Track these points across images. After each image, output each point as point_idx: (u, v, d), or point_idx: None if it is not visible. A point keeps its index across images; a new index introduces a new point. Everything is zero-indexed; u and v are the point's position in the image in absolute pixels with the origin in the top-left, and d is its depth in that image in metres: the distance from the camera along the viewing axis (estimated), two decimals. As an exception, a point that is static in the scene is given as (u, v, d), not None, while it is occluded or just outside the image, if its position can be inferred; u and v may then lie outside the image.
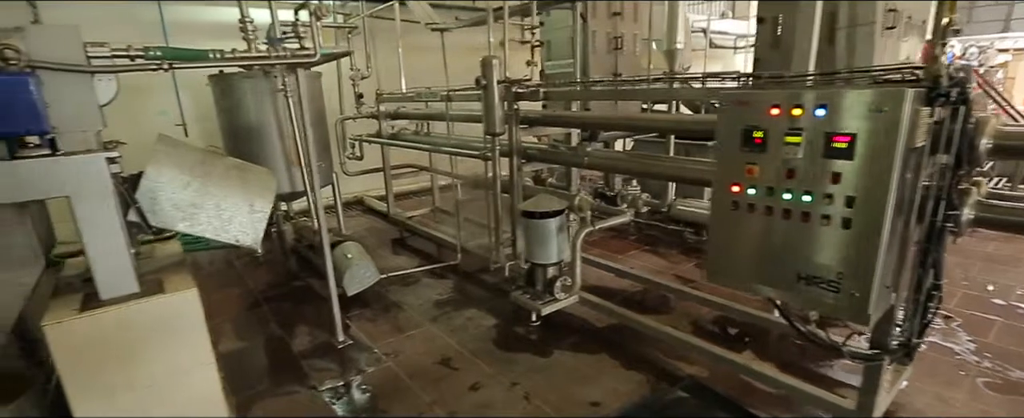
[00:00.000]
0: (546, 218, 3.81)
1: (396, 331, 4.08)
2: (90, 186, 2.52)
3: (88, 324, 2.53)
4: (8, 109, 2.27)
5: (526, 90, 4.20)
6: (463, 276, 5.22)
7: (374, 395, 3.25)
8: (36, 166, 2.39)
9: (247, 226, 3.19)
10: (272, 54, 3.26)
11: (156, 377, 2.77)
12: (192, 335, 2.85)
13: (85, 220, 2.54)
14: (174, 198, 2.90)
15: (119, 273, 2.67)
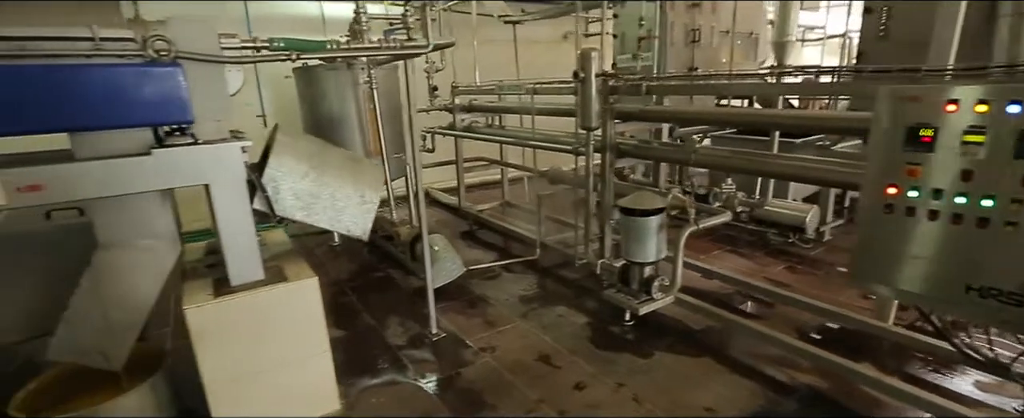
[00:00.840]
0: (647, 216, 3.70)
1: (487, 326, 4.06)
2: (227, 174, 2.57)
3: (222, 309, 2.59)
4: (160, 99, 2.33)
5: (624, 84, 4.08)
6: (543, 272, 5.17)
7: (479, 390, 3.23)
8: (182, 155, 2.44)
9: (358, 217, 3.21)
10: (383, 45, 3.26)
11: (278, 363, 2.82)
12: (311, 324, 2.89)
13: (221, 208, 2.59)
14: (295, 188, 2.94)
15: (248, 260, 2.73)
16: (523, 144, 5.38)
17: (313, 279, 2.83)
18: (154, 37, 2.36)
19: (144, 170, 2.37)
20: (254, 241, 2.73)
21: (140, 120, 2.32)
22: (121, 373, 2.73)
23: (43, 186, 2.18)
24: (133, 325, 2.65)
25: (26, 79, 2.07)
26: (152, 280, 2.65)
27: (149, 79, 2.29)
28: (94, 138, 2.36)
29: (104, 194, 2.34)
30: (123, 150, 2.43)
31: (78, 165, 2.26)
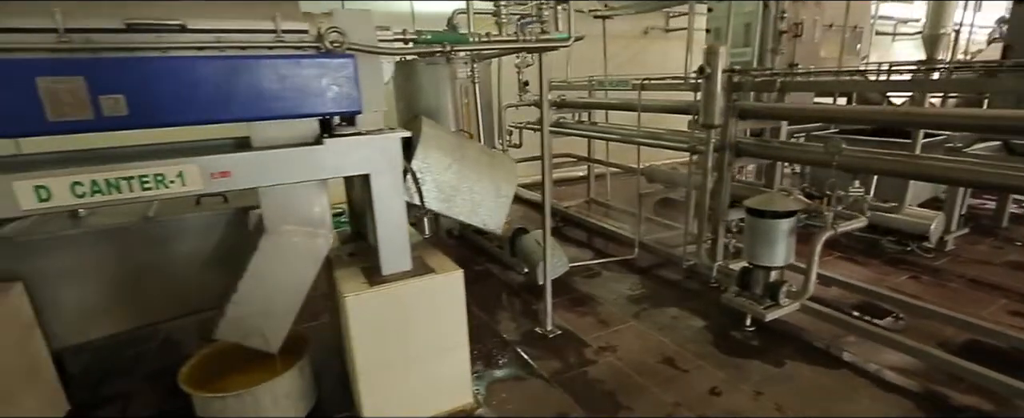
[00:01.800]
0: (779, 218, 3.54)
1: (601, 325, 4.00)
2: (387, 165, 2.60)
3: (378, 297, 2.63)
4: (336, 90, 2.36)
5: (752, 80, 3.92)
6: (642, 272, 5.05)
7: (610, 390, 3.17)
8: (350, 144, 2.49)
9: (494, 211, 3.21)
10: (520, 38, 3.24)
11: (422, 353, 2.85)
12: (454, 316, 2.91)
13: (379, 198, 2.63)
14: (439, 180, 2.95)
15: (400, 251, 2.76)
16: (629, 141, 5.26)
17: (459, 272, 2.84)
18: (330, 29, 2.41)
19: (317, 159, 2.44)
20: (406, 232, 2.76)
21: (318, 110, 2.37)
22: (276, 355, 2.82)
23: (231, 173, 2.27)
24: (291, 309, 2.73)
25: (221, 70, 2.14)
26: (310, 265, 2.72)
27: (327, 70, 2.33)
28: (270, 127, 2.43)
29: (282, 181, 2.41)
30: (293, 139, 2.50)
31: (262, 153, 2.33)
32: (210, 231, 3.41)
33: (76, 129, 1.95)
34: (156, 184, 2.14)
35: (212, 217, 3.39)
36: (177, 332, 4.07)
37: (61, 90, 1.90)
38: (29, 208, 1.97)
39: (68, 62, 1.94)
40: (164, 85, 2.05)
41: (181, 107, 2.09)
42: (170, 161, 2.16)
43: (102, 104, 1.97)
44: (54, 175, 1.99)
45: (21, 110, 1.86)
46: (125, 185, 2.10)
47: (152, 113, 2.05)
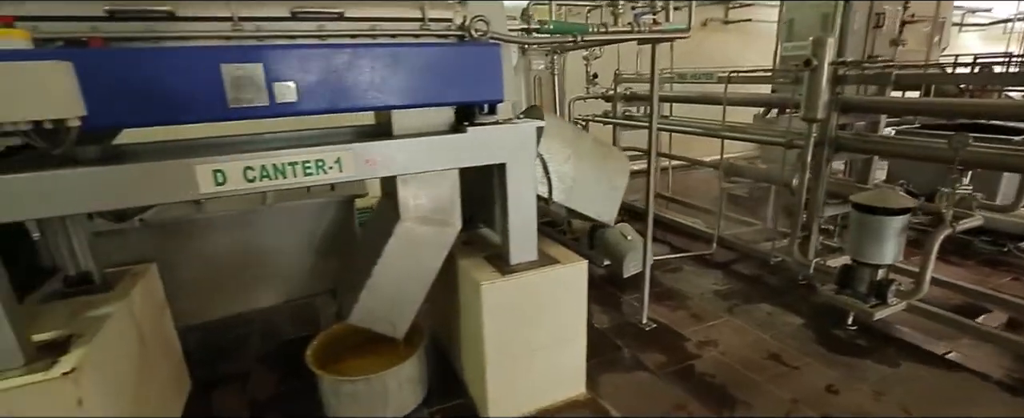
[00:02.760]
0: (892, 216, 3.44)
1: (695, 319, 3.96)
2: (522, 154, 2.60)
3: (509, 286, 2.64)
4: (481, 78, 2.37)
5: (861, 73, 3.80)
6: (721, 267, 4.99)
7: (721, 384, 3.14)
8: (490, 133, 2.50)
9: (608, 203, 3.20)
10: (634, 29, 3.20)
11: (544, 343, 2.86)
12: (576, 306, 2.90)
13: (514, 188, 2.63)
14: (559, 171, 2.95)
15: (528, 241, 2.76)
16: (714, 135, 5.17)
17: (583, 263, 2.84)
18: (476, 18, 2.42)
19: (460, 147, 2.45)
20: (535, 222, 2.76)
21: (467, 98, 2.39)
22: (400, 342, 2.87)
23: (377, 161, 2.30)
24: (417, 296, 2.77)
25: (384, 58, 2.16)
26: (439, 254, 2.75)
27: (476, 59, 2.35)
28: (410, 116, 2.46)
29: (428, 168, 2.44)
30: (431, 128, 2.53)
31: (413, 141, 2.36)
32: (320, 218, 3.49)
33: (251, 115, 2.00)
34: (317, 170, 2.19)
35: (323, 204, 3.47)
36: (274, 315, 4.18)
37: (241, 77, 1.95)
38: (207, 192, 2.03)
39: (248, 49, 1.99)
40: (331, 72, 2.08)
41: (345, 93, 2.13)
42: (329, 148, 2.20)
43: (275, 91, 2.01)
44: (231, 160, 2.04)
45: (206, 96, 1.92)
46: (290, 170, 2.14)
47: (318, 99, 2.09)
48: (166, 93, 1.85)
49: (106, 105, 1.78)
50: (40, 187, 1.81)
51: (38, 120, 1.67)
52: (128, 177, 1.91)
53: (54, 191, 1.83)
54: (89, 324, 2.23)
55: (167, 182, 1.96)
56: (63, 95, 1.68)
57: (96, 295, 2.55)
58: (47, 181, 1.82)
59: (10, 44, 1.70)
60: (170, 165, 1.96)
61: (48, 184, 1.82)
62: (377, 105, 2.22)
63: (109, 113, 1.80)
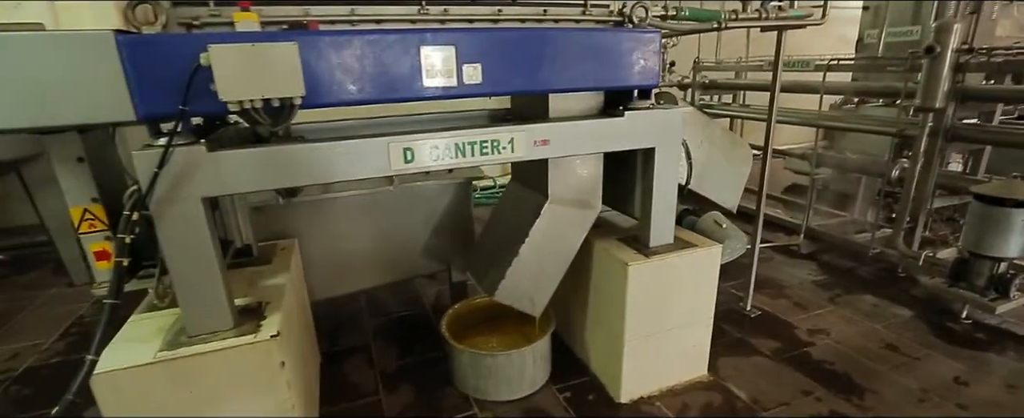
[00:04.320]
0: (1020, 208, 3.37)
1: (798, 308, 3.96)
2: (670, 139, 2.63)
3: (651, 267, 2.69)
4: (643, 63, 2.41)
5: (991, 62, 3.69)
6: (810, 258, 4.95)
7: (841, 372, 3.15)
8: (644, 118, 2.53)
9: (733, 189, 3.22)
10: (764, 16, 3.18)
11: (677, 324, 2.91)
12: (708, 289, 2.94)
13: (660, 172, 2.67)
14: (693, 157, 2.97)
15: (667, 224, 2.81)
16: (812, 124, 5.10)
17: (717, 247, 2.87)
18: (638, 4, 2.45)
19: (617, 130, 2.50)
20: (675, 206, 2.80)
21: (629, 82, 2.42)
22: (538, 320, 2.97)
23: (550, 141, 2.36)
24: (556, 276, 2.85)
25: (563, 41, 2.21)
26: (579, 235, 2.82)
27: (639, 44, 2.37)
28: (567, 100, 2.52)
29: (589, 150, 2.50)
30: (583, 112, 2.59)
31: (579, 123, 2.42)
32: (439, 199, 3.59)
33: (441, 96, 2.08)
34: (493, 149, 2.26)
35: (444, 186, 3.57)
36: (379, 293, 4.33)
37: (436, 58, 2.03)
38: (396, 168, 2.13)
39: (444, 32, 2.07)
40: (513, 55, 2.15)
41: (524, 76, 2.19)
42: (505, 128, 2.27)
43: (464, 72, 2.09)
44: (420, 139, 2.13)
45: (408, 76, 2.00)
46: (469, 149, 2.22)
47: (499, 81, 2.15)
48: (374, 73, 1.95)
49: (323, 84, 1.88)
50: (268, 161, 1.93)
51: (269, 98, 1.79)
52: (334, 154, 2.02)
53: (278, 165, 1.94)
54: (270, 293, 2.38)
55: (366, 159, 2.06)
56: (291, 75, 1.79)
57: (259, 267, 2.71)
58: (273, 155, 1.93)
59: (247, 27, 1.82)
60: (370, 143, 2.06)
61: (274, 158, 1.93)
62: (550, 88, 2.28)
63: (326, 92, 1.89)
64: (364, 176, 2.10)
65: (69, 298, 4.56)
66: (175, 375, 1.93)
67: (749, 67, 6.81)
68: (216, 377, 1.99)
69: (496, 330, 3.44)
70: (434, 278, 4.45)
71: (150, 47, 1.70)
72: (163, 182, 1.78)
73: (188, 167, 1.82)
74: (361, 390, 3.13)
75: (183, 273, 1.94)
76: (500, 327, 3.45)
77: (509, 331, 3.42)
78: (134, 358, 1.89)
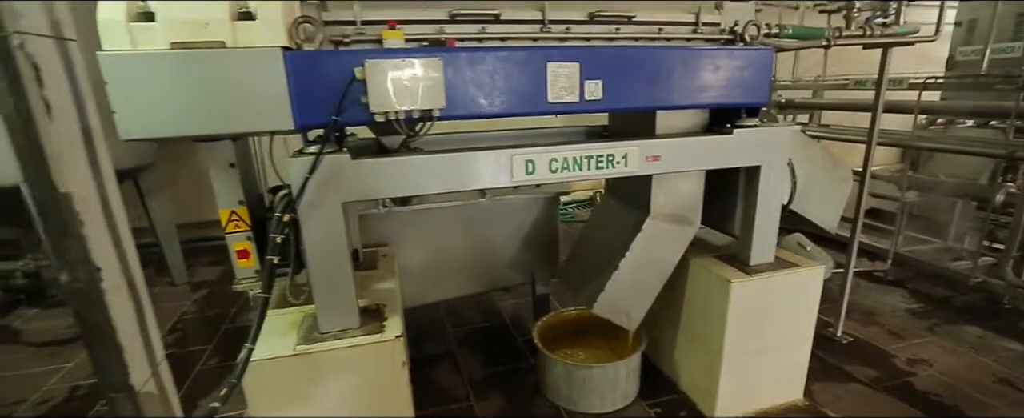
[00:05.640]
0: None
1: (893, 336, 3.80)
2: (776, 157, 2.62)
3: (754, 286, 2.66)
4: (753, 81, 2.42)
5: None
6: (899, 284, 4.73)
7: (949, 405, 3.00)
8: (752, 135, 2.53)
9: (832, 210, 3.15)
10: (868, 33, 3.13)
11: (775, 345, 2.85)
12: (808, 311, 2.87)
13: (764, 190, 2.65)
14: (797, 176, 2.93)
15: (769, 243, 2.78)
16: (907, 146, 4.92)
17: (820, 268, 2.82)
18: (750, 23, 2.48)
19: (724, 148, 2.52)
20: (777, 225, 2.77)
21: (741, 100, 2.44)
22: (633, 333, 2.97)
23: (661, 157, 2.40)
24: (653, 291, 2.86)
25: (679, 59, 2.26)
26: (678, 251, 2.83)
27: (751, 62, 2.40)
28: (672, 116, 2.55)
29: (698, 167, 2.53)
30: (688, 128, 2.62)
31: (689, 140, 2.46)
32: (527, 213, 3.67)
33: (563, 110, 2.17)
34: (607, 164, 2.32)
35: (532, 200, 3.64)
36: (458, 304, 4.43)
37: (561, 75, 2.12)
38: (518, 179, 2.22)
39: (569, 50, 2.16)
40: (632, 72, 2.21)
41: (640, 93, 2.25)
42: (619, 144, 2.33)
43: (586, 88, 2.16)
44: (540, 152, 2.21)
45: (534, 91, 2.09)
46: (585, 163, 2.29)
47: (618, 98, 2.22)
48: (505, 88, 2.05)
49: (458, 98, 2.00)
50: (404, 169, 2.06)
51: (412, 109, 1.91)
52: (464, 164, 2.13)
53: (413, 173, 2.07)
54: (384, 296, 2.49)
55: (491, 170, 2.16)
56: (435, 88, 1.91)
57: (367, 272, 2.84)
58: (409, 164, 2.06)
59: (394, 43, 1.96)
60: (496, 154, 2.16)
61: (409, 167, 2.06)
62: (666, 104, 2.33)
63: (460, 105, 2.01)
64: (488, 186, 2.19)
65: (172, 296, 4.89)
66: (310, 367, 2.05)
67: (827, 86, 6.67)
68: (344, 372, 2.10)
69: (583, 343, 3.46)
70: (509, 291, 4.51)
71: (312, 62, 1.86)
72: (311, 187, 1.93)
73: (333, 173, 1.97)
74: (451, 395, 3.21)
75: (321, 273, 2.07)
76: (586, 340, 3.47)
77: (596, 345, 3.44)
78: (276, 350, 2.02)
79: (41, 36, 1.04)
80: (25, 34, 1.01)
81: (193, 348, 3.91)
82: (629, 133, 2.70)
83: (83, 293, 1.16)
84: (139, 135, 1.70)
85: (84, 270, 1.15)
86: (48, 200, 1.10)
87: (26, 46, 1.01)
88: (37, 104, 1.04)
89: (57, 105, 1.07)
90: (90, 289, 1.16)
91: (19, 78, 1.02)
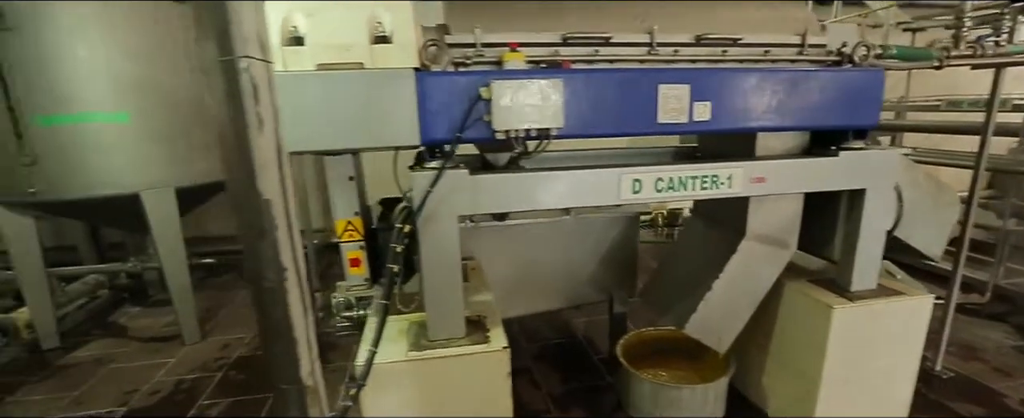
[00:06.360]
0: None
1: (999, 373, 3.56)
2: (883, 181, 2.55)
3: (858, 313, 2.58)
4: (863, 102, 2.38)
5: None
6: (999, 318, 4.44)
7: (1077, 452, 2.79)
8: (858, 158, 2.48)
9: (937, 237, 3.02)
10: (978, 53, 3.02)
11: (875, 375, 2.74)
12: (914, 341, 2.76)
13: (869, 215, 2.58)
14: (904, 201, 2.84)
15: (872, 269, 2.69)
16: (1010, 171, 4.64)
17: (928, 297, 2.70)
18: (860, 43, 2.45)
19: (830, 170, 2.47)
20: (881, 251, 2.69)
21: (844, 122, 2.41)
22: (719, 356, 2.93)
23: (766, 179, 2.39)
24: (746, 314, 2.81)
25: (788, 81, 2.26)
26: (773, 274, 2.78)
27: (864, 83, 2.36)
28: (772, 138, 2.53)
29: (803, 189, 2.50)
30: (788, 151, 2.59)
31: (795, 161, 2.44)
32: (609, 231, 3.69)
33: (671, 131, 2.19)
34: (711, 184, 2.33)
35: (614, 219, 3.67)
36: (530, 321, 4.47)
37: (671, 96, 2.15)
38: (624, 198, 2.25)
39: (680, 72, 2.19)
40: (741, 94, 2.22)
41: (748, 114, 2.25)
42: (724, 165, 2.33)
43: (695, 110, 2.19)
44: (647, 171, 2.25)
45: (645, 112, 2.14)
46: (690, 183, 2.30)
47: (725, 119, 2.23)
48: (618, 109, 2.10)
49: (573, 118, 2.06)
50: (519, 185, 2.14)
51: (530, 128, 1.99)
52: (574, 182, 2.19)
53: (526, 189, 2.14)
54: (482, 308, 2.56)
55: (600, 188, 2.21)
56: (555, 108, 1.98)
57: (462, 283, 2.92)
58: (524, 181, 2.14)
59: (515, 65, 2.05)
60: (604, 173, 2.21)
61: (524, 183, 2.14)
62: (772, 126, 2.32)
63: (575, 125, 2.07)
64: (596, 204, 2.24)
65: (256, 299, 5.14)
66: (420, 373, 2.14)
67: (912, 107, 6.40)
68: (452, 379, 2.17)
69: (664, 364, 3.41)
70: (580, 309, 4.51)
71: (440, 81, 1.97)
72: (431, 200, 2.03)
73: (453, 188, 2.06)
74: (532, 408, 3.24)
75: (435, 282, 2.16)
76: (667, 361, 3.42)
77: (677, 366, 3.39)
78: (391, 355, 2.11)
79: (259, 60, 1.17)
80: (251, 58, 1.14)
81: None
82: (725, 154, 2.69)
83: (271, 292, 1.28)
84: (291, 149, 1.84)
85: (274, 270, 1.26)
86: (251, 205, 1.22)
87: (250, 68, 1.14)
88: (252, 119, 1.17)
89: (266, 120, 1.19)
90: (277, 288, 1.28)
91: (239, 95, 1.15)
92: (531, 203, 2.17)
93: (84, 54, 3.48)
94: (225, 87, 1.14)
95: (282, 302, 1.29)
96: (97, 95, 3.56)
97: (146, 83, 3.72)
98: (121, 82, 3.62)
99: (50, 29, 3.39)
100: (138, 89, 3.69)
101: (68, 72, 3.47)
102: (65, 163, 3.57)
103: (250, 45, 1.14)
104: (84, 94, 3.53)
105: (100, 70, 3.54)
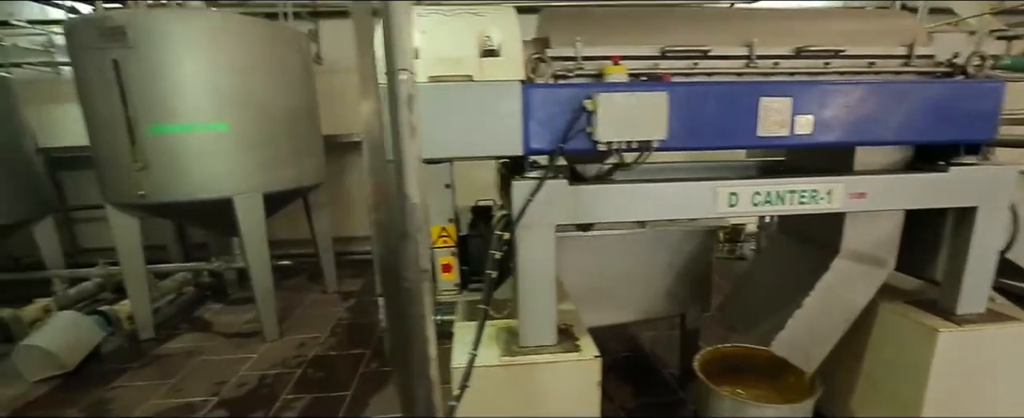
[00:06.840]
0: None
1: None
2: (996, 200, 2.42)
3: (966, 338, 2.45)
4: (977, 115, 2.28)
5: None
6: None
7: None
8: (969, 174, 2.37)
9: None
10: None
11: (983, 403, 2.58)
12: (1026, 371, 2.58)
13: (980, 234, 2.45)
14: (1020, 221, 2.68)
15: (981, 291, 2.55)
16: None
17: (1047, 325, 2.54)
18: (973, 54, 2.35)
19: (937, 187, 2.37)
20: (992, 273, 2.55)
21: (957, 136, 2.31)
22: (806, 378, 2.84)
23: (866, 194, 2.32)
24: (837, 334, 2.71)
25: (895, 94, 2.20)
26: (868, 292, 2.68)
27: (975, 95, 2.27)
28: (874, 153, 2.45)
29: (907, 206, 2.41)
30: (890, 165, 2.50)
31: (899, 177, 2.36)
32: (685, 245, 3.64)
33: (771, 145, 2.17)
34: (810, 199, 2.28)
35: (690, 232, 3.61)
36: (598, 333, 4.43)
37: (772, 109, 2.13)
38: (721, 212, 2.24)
39: (782, 85, 2.17)
40: (844, 107, 2.17)
41: (851, 128, 2.20)
42: (822, 180, 2.28)
43: (796, 123, 2.15)
44: (744, 185, 2.23)
45: (745, 125, 2.12)
46: (788, 197, 2.26)
47: (828, 132, 2.18)
48: (719, 121, 2.10)
49: (674, 130, 2.07)
50: (617, 195, 2.16)
51: (632, 140, 2.01)
52: (669, 194, 2.19)
53: (623, 200, 2.16)
54: (567, 317, 2.58)
55: (695, 200, 2.21)
56: (658, 120, 2.00)
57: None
58: (622, 192, 2.16)
59: (618, 78, 2.09)
60: (699, 186, 2.20)
61: (622, 194, 2.16)
62: (876, 140, 2.26)
63: (676, 137, 2.08)
64: (691, 216, 2.24)
65: (327, 302, 5.36)
66: (512, 378, 2.18)
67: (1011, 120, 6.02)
68: (543, 385, 2.20)
69: (741, 382, 3.32)
70: (647, 323, 4.46)
71: (545, 93, 2.03)
72: (531, 209, 2.07)
73: (552, 197, 2.10)
74: (608, 422, 3.22)
75: (531, 290, 2.20)
76: (744, 379, 3.33)
77: (754, 385, 3.29)
78: (485, 359, 2.16)
79: (412, 73, 1.25)
80: (408, 72, 1.22)
81: (354, 351, 4.25)
82: (816, 168, 2.63)
83: (409, 292, 1.35)
84: (404, 157, 1.94)
85: (414, 271, 1.33)
86: (398, 208, 1.29)
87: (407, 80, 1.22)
88: (405, 127, 1.25)
89: (416, 129, 1.27)
90: (415, 289, 1.34)
91: (396, 105, 1.23)
92: (628, 214, 2.19)
93: (191, 68, 3.76)
94: (388, 97, 1.23)
95: (419, 302, 1.35)
96: (201, 106, 3.84)
97: (243, 95, 3.98)
98: (222, 94, 3.89)
99: (164, 46, 3.69)
100: (236, 100, 3.95)
101: (177, 85, 3.75)
102: (170, 169, 3.85)
103: (407, 58, 1.22)
104: (190, 105, 3.81)
105: (205, 83, 3.81)
